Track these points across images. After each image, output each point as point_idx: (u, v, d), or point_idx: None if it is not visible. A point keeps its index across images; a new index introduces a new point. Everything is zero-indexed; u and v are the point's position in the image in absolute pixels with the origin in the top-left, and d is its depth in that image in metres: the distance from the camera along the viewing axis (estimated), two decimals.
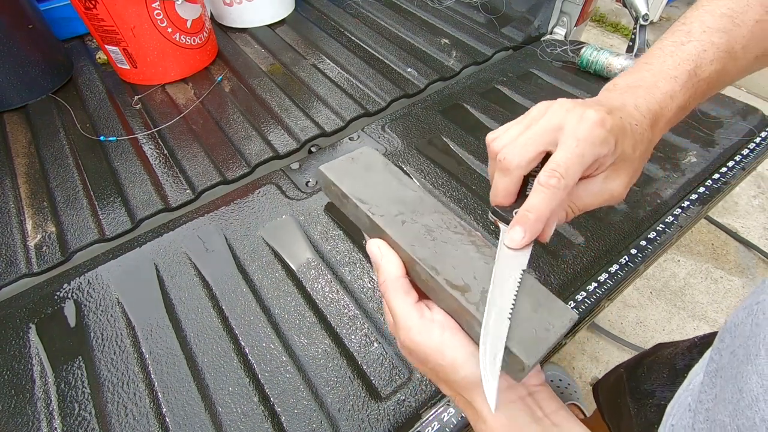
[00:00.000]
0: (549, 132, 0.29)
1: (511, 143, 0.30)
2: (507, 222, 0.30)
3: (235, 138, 0.75)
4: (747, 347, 0.26)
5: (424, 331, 0.27)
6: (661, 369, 0.55)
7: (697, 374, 0.39)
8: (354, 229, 0.61)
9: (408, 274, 0.29)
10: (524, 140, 0.29)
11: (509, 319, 0.25)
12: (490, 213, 0.32)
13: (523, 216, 0.28)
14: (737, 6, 0.34)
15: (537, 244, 0.30)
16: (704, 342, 0.50)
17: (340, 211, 0.34)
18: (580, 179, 0.29)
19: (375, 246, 0.30)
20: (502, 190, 0.30)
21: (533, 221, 0.28)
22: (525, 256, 0.29)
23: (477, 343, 0.26)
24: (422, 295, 0.30)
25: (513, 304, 0.26)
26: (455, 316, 0.27)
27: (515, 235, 0.28)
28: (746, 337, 0.27)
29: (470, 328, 0.27)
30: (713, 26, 0.34)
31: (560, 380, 1.13)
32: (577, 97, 0.80)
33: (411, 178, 0.34)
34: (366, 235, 0.33)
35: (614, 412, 0.63)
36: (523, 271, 0.28)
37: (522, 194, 0.31)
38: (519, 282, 0.27)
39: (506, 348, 0.24)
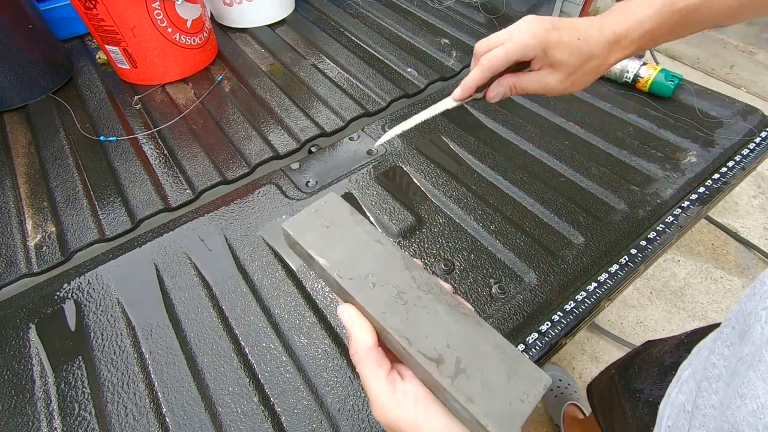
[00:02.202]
0: (517, 46, 0.42)
1: (494, 51, 0.43)
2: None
3: (235, 138, 0.76)
4: (758, 354, 0.26)
5: (398, 406, 0.26)
6: (650, 367, 0.55)
7: (685, 369, 0.39)
8: None
9: (380, 341, 0.29)
10: (499, 51, 0.43)
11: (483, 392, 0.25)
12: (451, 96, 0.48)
13: (463, 82, 0.46)
14: None
15: (538, 246, 0.31)
16: (691, 339, 0.50)
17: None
18: (529, 71, 0.44)
19: (346, 313, 0.29)
20: (470, 78, 0.46)
21: (467, 85, 0.46)
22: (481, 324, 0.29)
23: (453, 414, 0.26)
24: (394, 359, 0.29)
25: (484, 376, 0.25)
26: (430, 387, 0.27)
27: (456, 91, 0.48)
28: (756, 343, 0.27)
29: (445, 400, 0.26)
30: None
31: (560, 380, 1.13)
32: (576, 96, 0.80)
33: (375, 227, 0.34)
34: (338, 297, 0.32)
35: (608, 414, 0.63)
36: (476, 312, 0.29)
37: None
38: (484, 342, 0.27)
39: (482, 425, 0.24)
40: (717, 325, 0.41)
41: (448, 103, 0.50)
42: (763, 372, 0.24)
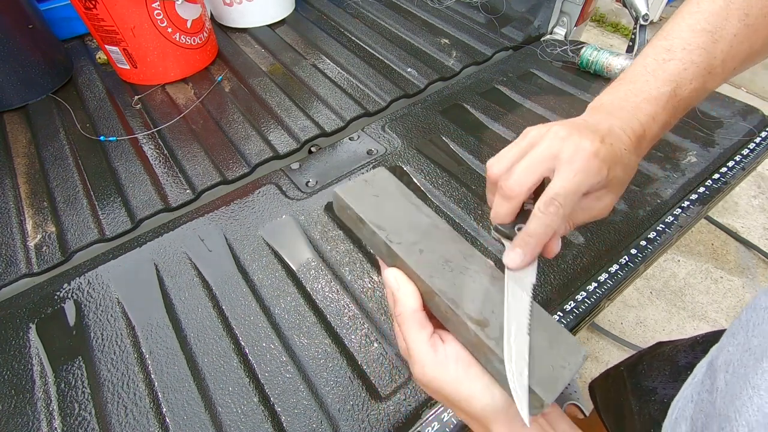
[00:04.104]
0: (547, 160, 0.31)
1: (510, 171, 0.31)
2: (509, 238, 0.32)
3: (235, 138, 0.76)
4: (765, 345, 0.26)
5: (439, 366, 0.27)
6: (662, 366, 0.55)
7: (702, 368, 0.39)
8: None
9: (424, 304, 0.29)
10: (523, 169, 0.31)
11: (527, 357, 0.25)
12: (492, 230, 0.35)
13: (523, 239, 0.31)
14: (717, 20, 0.34)
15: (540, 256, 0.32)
16: (707, 339, 0.50)
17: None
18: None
19: (392, 276, 0.30)
20: (503, 214, 0.32)
21: (533, 245, 0.31)
22: (532, 274, 0.30)
23: (493, 376, 0.27)
24: (436, 324, 0.30)
25: (529, 340, 0.26)
26: (473, 348, 0.28)
27: (516, 257, 0.31)
28: (765, 336, 0.27)
29: (488, 361, 0.27)
30: (694, 43, 0.34)
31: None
32: (576, 97, 0.80)
33: (424, 203, 0.34)
34: (381, 261, 0.33)
35: (614, 412, 0.63)
36: (533, 286, 0.29)
37: (521, 211, 0.32)
38: (530, 312, 0.28)
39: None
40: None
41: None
42: None
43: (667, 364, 0.53)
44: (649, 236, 0.59)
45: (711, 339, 0.45)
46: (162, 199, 0.66)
